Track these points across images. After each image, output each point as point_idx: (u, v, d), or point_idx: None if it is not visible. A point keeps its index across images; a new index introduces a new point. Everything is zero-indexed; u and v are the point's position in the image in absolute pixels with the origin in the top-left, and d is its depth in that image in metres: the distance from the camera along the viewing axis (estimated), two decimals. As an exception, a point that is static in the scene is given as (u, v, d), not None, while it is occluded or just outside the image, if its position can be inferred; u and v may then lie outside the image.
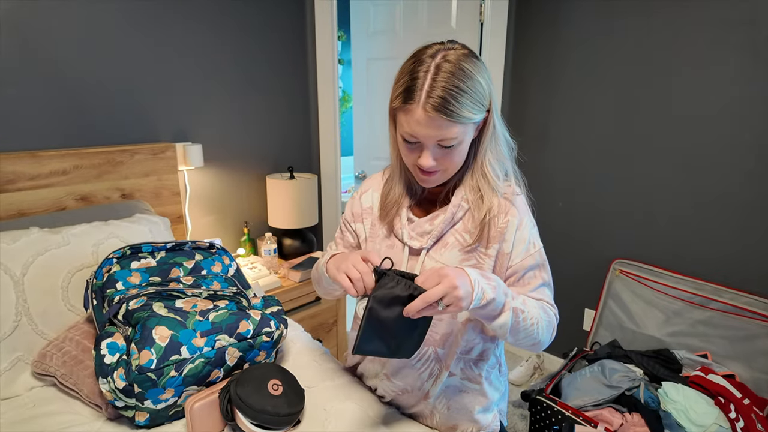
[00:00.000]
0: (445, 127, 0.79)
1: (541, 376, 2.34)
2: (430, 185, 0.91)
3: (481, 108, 0.82)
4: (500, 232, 0.90)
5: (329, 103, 2.30)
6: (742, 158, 1.74)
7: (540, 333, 0.86)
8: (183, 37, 1.82)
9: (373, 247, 1.01)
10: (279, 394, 0.98)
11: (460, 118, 0.79)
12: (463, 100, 0.78)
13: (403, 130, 0.83)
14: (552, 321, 0.90)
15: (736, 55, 1.68)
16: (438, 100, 0.77)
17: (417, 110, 0.79)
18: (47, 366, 1.10)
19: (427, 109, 0.78)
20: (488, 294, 0.77)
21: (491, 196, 0.90)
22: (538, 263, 0.91)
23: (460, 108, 0.78)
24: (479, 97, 0.81)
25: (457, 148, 0.84)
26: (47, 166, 1.52)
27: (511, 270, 0.91)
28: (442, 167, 0.86)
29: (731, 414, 1.56)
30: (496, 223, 0.90)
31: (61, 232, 1.28)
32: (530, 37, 2.21)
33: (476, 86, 0.80)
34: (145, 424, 0.98)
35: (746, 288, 1.77)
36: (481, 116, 0.84)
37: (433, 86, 0.78)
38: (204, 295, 1.11)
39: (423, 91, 0.78)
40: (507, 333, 0.82)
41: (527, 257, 0.90)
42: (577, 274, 2.26)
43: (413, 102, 0.79)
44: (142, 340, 0.94)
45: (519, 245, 0.90)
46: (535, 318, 0.85)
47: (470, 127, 0.84)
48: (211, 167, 2.00)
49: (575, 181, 2.19)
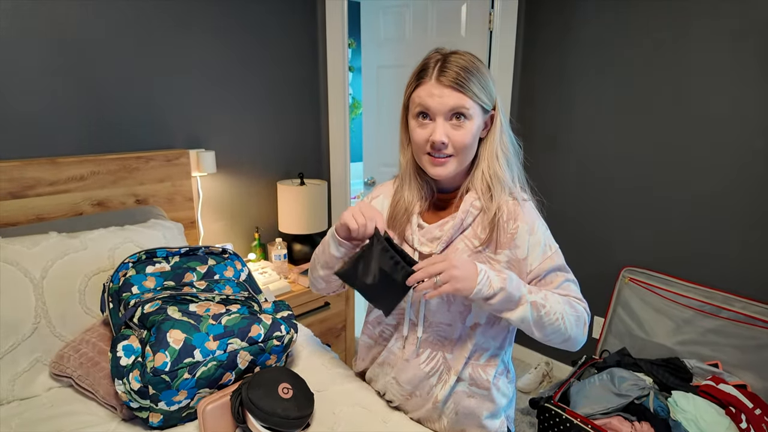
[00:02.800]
0: (456, 96, 0.86)
1: (550, 383, 2.34)
2: (443, 173, 0.91)
3: (488, 97, 0.89)
4: (510, 238, 0.91)
5: (339, 109, 2.33)
6: (754, 166, 1.73)
7: (569, 328, 0.87)
8: (198, 46, 1.86)
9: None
10: (289, 398, 1.00)
11: (469, 91, 0.86)
12: (473, 78, 0.86)
13: (416, 103, 0.89)
14: (581, 315, 0.90)
15: (746, 60, 1.68)
16: (450, 73, 0.85)
17: (430, 82, 0.87)
18: (64, 367, 1.13)
19: (441, 80, 0.86)
20: (495, 283, 0.81)
21: (501, 194, 0.92)
22: (557, 264, 0.93)
23: (469, 83, 0.86)
24: (485, 83, 0.88)
25: (467, 126, 0.88)
26: (65, 172, 1.56)
27: (531, 275, 0.92)
28: (453, 148, 0.89)
29: (742, 424, 1.54)
30: (506, 228, 0.91)
31: (79, 237, 1.32)
32: (539, 44, 2.22)
33: (483, 77, 0.88)
34: (158, 425, 1.00)
35: (758, 297, 1.76)
36: (489, 105, 0.90)
37: (445, 66, 0.86)
38: (216, 299, 1.14)
39: (435, 69, 0.87)
40: (532, 327, 0.85)
41: (546, 260, 0.92)
42: (587, 282, 2.24)
43: (427, 77, 0.87)
44: (156, 342, 0.97)
45: (535, 249, 0.91)
46: (560, 312, 0.85)
47: (478, 109, 0.89)
48: (223, 173, 2.04)
49: (585, 187, 2.19)
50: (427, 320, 0.98)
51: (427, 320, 0.98)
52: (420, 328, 0.98)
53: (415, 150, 0.93)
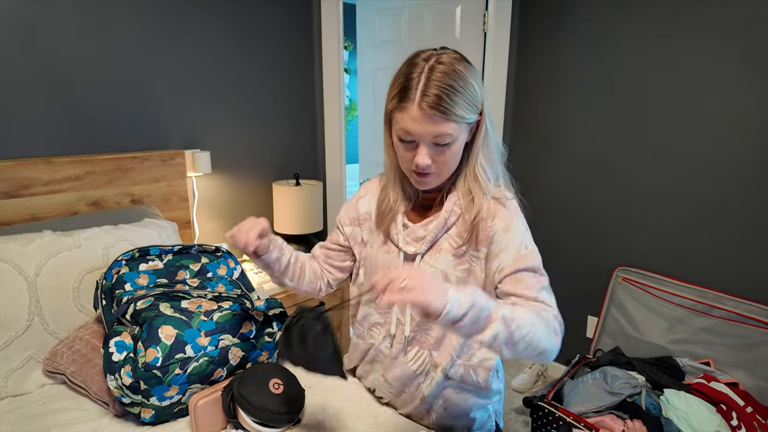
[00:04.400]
0: (440, 123, 0.82)
1: (544, 383, 2.34)
2: (426, 187, 0.93)
3: (474, 109, 0.85)
4: (487, 236, 0.91)
5: (335, 111, 2.34)
6: (744, 166, 1.74)
7: (541, 340, 0.77)
8: (193, 47, 1.87)
9: (370, 253, 1.03)
10: (280, 393, 1.01)
11: (454, 115, 0.82)
12: (457, 98, 0.81)
13: (399, 127, 0.86)
14: (551, 323, 0.80)
15: (738, 61, 1.70)
16: (433, 97, 0.80)
17: (413, 107, 0.82)
18: (58, 364, 1.14)
19: (422, 106, 0.81)
20: (464, 302, 0.70)
21: (481, 198, 0.92)
22: (530, 264, 0.87)
23: (454, 106, 0.81)
24: (472, 98, 0.84)
25: (452, 147, 0.86)
26: (60, 172, 1.57)
27: (503, 273, 0.88)
28: (437, 167, 0.88)
29: (733, 422, 1.55)
30: (484, 226, 0.91)
31: (73, 236, 1.33)
32: (533, 46, 2.24)
33: (469, 87, 0.83)
34: (150, 420, 1.01)
35: (749, 296, 1.77)
36: (474, 118, 0.86)
37: (428, 85, 0.81)
38: (209, 296, 1.15)
39: (418, 90, 0.81)
40: (502, 346, 0.73)
41: (519, 259, 0.87)
42: (580, 282, 2.27)
43: (409, 100, 0.82)
44: (148, 338, 0.98)
45: (509, 248, 0.88)
46: (530, 324, 0.76)
47: (464, 127, 0.86)
48: (218, 174, 2.05)
49: (578, 187, 2.21)
50: (414, 319, 0.99)
51: (414, 319, 0.99)
52: (407, 327, 0.99)
53: (400, 163, 0.93)
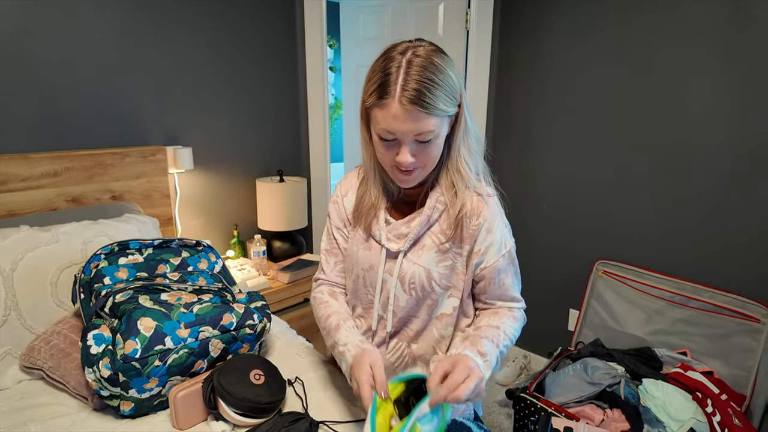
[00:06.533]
0: (422, 119, 0.79)
1: (527, 375, 2.37)
2: (409, 185, 0.91)
3: (453, 101, 0.83)
4: (472, 234, 0.93)
5: (319, 108, 2.35)
6: (719, 160, 1.79)
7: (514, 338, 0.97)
8: (174, 42, 1.86)
9: (352, 251, 1.02)
10: (261, 384, 1.01)
11: (436, 110, 0.80)
12: (438, 92, 0.79)
13: (380, 127, 0.82)
14: (522, 323, 1.01)
15: (714, 57, 1.74)
16: (413, 92, 0.77)
17: (393, 104, 0.78)
18: (35, 359, 1.12)
19: (403, 102, 0.78)
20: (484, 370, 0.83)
21: (464, 192, 0.93)
22: (508, 261, 0.97)
23: (436, 100, 0.79)
24: (451, 90, 0.82)
25: (434, 142, 0.84)
26: (38, 168, 1.55)
27: (485, 271, 0.95)
28: (420, 164, 0.86)
29: (708, 409, 1.59)
30: (468, 224, 0.93)
31: (51, 230, 1.31)
32: (514, 43, 2.27)
33: (448, 79, 0.81)
34: (129, 413, 1.00)
35: (725, 287, 1.82)
36: (454, 110, 0.85)
37: (407, 80, 0.78)
38: (189, 289, 1.14)
39: (398, 86, 0.78)
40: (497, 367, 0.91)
41: (500, 258, 0.95)
42: (561, 276, 2.30)
43: (388, 96, 0.79)
44: (127, 330, 0.97)
45: (492, 248, 0.94)
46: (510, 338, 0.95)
47: (445, 120, 0.84)
48: (201, 170, 2.04)
49: (558, 183, 2.24)
50: (396, 315, 0.99)
51: (396, 315, 0.99)
52: (389, 324, 0.99)
53: (381, 160, 0.91)
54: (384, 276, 0.97)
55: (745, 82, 1.68)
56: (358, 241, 1.01)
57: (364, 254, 1.00)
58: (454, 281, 0.95)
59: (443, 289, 0.95)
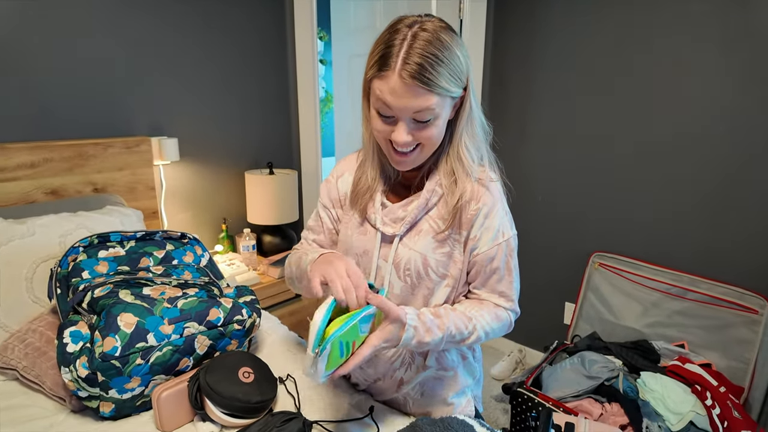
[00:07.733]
0: (421, 96, 0.75)
1: (523, 370, 2.34)
2: (405, 168, 0.87)
3: (458, 82, 0.79)
4: (470, 219, 0.88)
5: (309, 100, 2.28)
6: (716, 153, 1.76)
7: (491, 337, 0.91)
8: (159, 30, 1.79)
9: (346, 236, 0.98)
10: (250, 382, 0.96)
11: (437, 87, 0.75)
12: (441, 69, 0.75)
13: (377, 99, 0.79)
14: (505, 323, 0.93)
15: (713, 50, 1.71)
16: (415, 66, 0.73)
17: (393, 77, 0.75)
18: (8, 359, 1.06)
19: (403, 75, 0.74)
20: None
21: (465, 180, 0.88)
22: (505, 252, 0.90)
23: (438, 77, 0.75)
24: (456, 69, 0.77)
25: (434, 123, 0.80)
26: (14, 159, 1.47)
27: (477, 258, 0.89)
28: (417, 145, 0.82)
29: (707, 401, 1.57)
30: (467, 209, 0.88)
31: (27, 223, 1.25)
32: (509, 32, 2.23)
33: (453, 58, 0.77)
34: (110, 414, 0.95)
35: (722, 278, 1.80)
36: (458, 92, 0.80)
37: (410, 53, 0.74)
38: (174, 283, 1.08)
39: (399, 58, 0.74)
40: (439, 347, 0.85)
41: (494, 246, 0.88)
42: (558, 268, 2.27)
43: (389, 69, 0.75)
44: (106, 326, 0.91)
45: (487, 233, 0.88)
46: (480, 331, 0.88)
47: (447, 101, 0.80)
48: (187, 162, 1.97)
49: (554, 175, 2.21)
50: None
51: None
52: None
53: (376, 136, 0.86)
54: (379, 262, 0.93)
55: (749, 68, 1.66)
56: (353, 225, 0.97)
57: (358, 239, 0.95)
58: (451, 270, 0.91)
59: (440, 278, 0.90)
